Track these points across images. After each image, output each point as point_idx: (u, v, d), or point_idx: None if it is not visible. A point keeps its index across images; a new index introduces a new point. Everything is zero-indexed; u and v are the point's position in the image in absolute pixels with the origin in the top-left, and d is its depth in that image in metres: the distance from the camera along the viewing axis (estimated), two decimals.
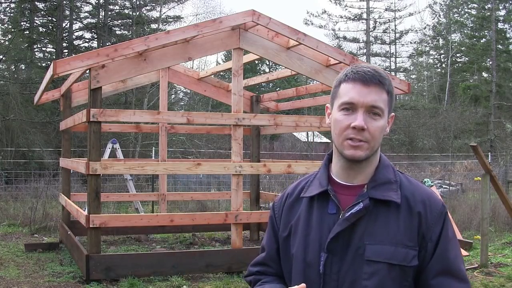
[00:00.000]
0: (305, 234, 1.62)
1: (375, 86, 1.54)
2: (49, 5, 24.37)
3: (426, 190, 1.61)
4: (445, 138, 30.34)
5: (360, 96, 1.53)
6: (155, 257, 7.04)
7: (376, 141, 1.55)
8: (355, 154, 1.54)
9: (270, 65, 34.78)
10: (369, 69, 1.56)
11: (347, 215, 1.54)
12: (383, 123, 1.56)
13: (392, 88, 1.59)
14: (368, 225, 1.54)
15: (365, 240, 1.53)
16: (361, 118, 1.52)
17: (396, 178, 1.60)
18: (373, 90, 1.53)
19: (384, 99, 1.55)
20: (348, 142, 1.54)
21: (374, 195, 1.55)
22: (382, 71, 1.60)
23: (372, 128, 1.53)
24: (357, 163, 1.57)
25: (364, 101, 1.52)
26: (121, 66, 6.76)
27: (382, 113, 1.55)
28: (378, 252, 1.51)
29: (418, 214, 1.55)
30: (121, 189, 13.91)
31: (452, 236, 1.57)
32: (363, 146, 1.53)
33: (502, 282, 6.85)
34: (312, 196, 1.64)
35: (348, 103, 1.54)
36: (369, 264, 1.51)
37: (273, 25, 7.00)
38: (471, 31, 38.05)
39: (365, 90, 1.53)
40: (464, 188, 16.26)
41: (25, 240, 9.56)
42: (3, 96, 18.62)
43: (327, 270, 1.55)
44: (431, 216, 1.55)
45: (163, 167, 7.48)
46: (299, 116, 7.79)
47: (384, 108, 1.55)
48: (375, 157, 1.60)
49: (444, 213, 1.57)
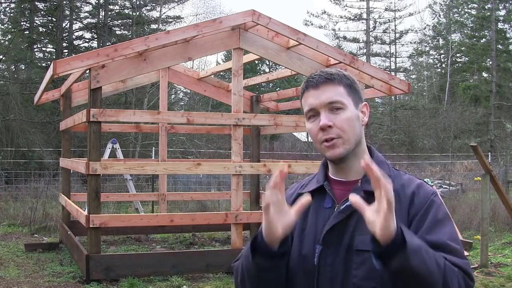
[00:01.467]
0: (302, 229, 1.67)
1: (325, 84, 1.60)
2: (49, 5, 24.37)
3: (417, 181, 1.64)
4: (445, 138, 30.33)
5: (315, 99, 1.60)
6: (155, 257, 7.04)
7: (350, 133, 1.59)
8: (333, 153, 1.59)
9: (270, 65, 34.76)
10: (318, 73, 1.64)
11: (342, 207, 1.60)
12: (349, 114, 1.59)
13: (349, 80, 1.64)
14: (361, 217, 1.54)
15: (357, 232, 1.57)
16: (324, 117, 1.58)
17: (390, 173, 1.64)
18: (325, 89, 1.60)
19: (341, 92, 1.60)
20: (324, 144, 1.60)
21: (367, 188, 1.57)
22: (335, 70, 1.66)
23: (338, 122, 1.58)
24: (342, 160, 1.62)
25: (320, 101, 1.59)
26: (121, 66, 6.77)
27: (344, 106, 1.59)
28: (366, 242, 1.52)
29: (407, 204, 1.58)
30: (121, 189, 13.91)
31: (442, 217, 1.56)
32: (337, 143, 1.58)
33: (502, 282, 6.85)
34: (310, 193, 1.67)
35: (310, 111, 1.62)
36: (358, 253, 1.55)
37: (273, 25, 7.00)
38: (471, 31, 38.04)
39: (318, 92, 1.60)
40: (464, 188, 16.27)
41: (25, 240, 9.56)
42: (3, 96, 18.63)
43: (321, 262, 1.59)
44: (418, 203, 1.57)
45: (163, 167, 7.48)
46: (299, 116, 7.79)
47: (343, 100, 1.59)
48: (360, 150, 1.64)
49: (432, 199, 1.58)
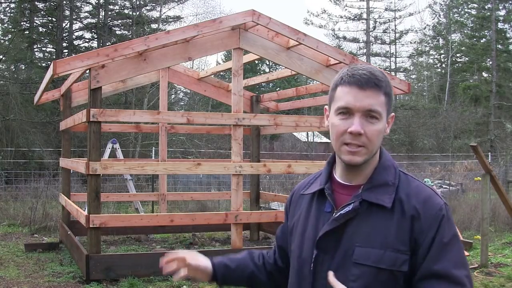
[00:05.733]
0: (303, 231, 1.64)
1: (371, 89, 1.50)
2: (49, 5, 24.37)
3: (425, 193, 1.55)
4: (445, 138, 30.33)
5: (356, 100, 1.50)
6: (155, 257, 7.03)
7: (375, 145, 1.53)
8: (352, 160, 1.53)
9: (270, 65, 34.77)
10: (365, 71, 1.52)
11: (336, 216, 1.54)
12: (381, 126, 1.53)
13: (390, 89, 1.55)
14: (359, 226, 1.53)
15: (355, 242, 1.51)
16: (358, 123, 1.49)
17: (395, 180, 1.56)
18: (370, 94, 1.50)
19: (382, 101, 1.52)
20: (346, 148, 1.52)
21: (367, 197, 1.53)
22: (379, 72, 1.56)
23: (369, 133, 1.50)
24: (356, 166, 1.56)
25: (360, 105, 1.50)
26: (121, 66, 6.76)
27: (380, 116, 1.52)
28: (367, 255, 1.49)
29: (411, 218, 1.50)
30: (121, 189, 13.91)
31: (448, 241, 1.48)
32: (360, 152, 1.51)
33: (502, 282, 6.85)
34: (312, 194, 1.66)
35: (344, 108, 1.52)
36: (356, 266, 1.50)
37: (273, 25, 7.00)
38: (471, 31, 38.07)
39: (361, 94, 1.50)
40: (464, 188, 16.26)
41: (25, 240, 9.56)
42: (3, 96, 18.62)
43: (317, 267, 1.56)
44: (425, 220, 1.49)
45: (163, 167, 7.48)
46: (299, 116, 7.78)
47: (381, 111, 1.52)
48: (373, 158, 1.59)
49: (440, 216, 1.50)
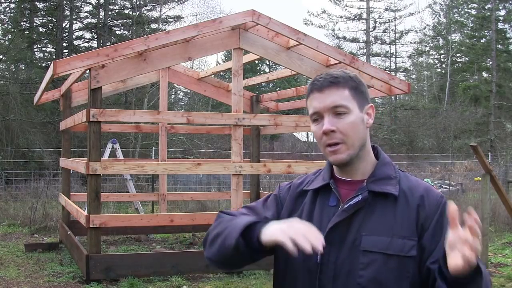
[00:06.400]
0: None
1: (329, 88, 1.59)
2: (49, 5, 24.37)
3: (425, 185, 1.65)
4: (445, 138, 30.33)
5: (319, 102, 1.59)
6: (155, 257, 7.04)
7: (354, 138, 1.59)
8: (337, 159, 1.60)
9: (270, 65, 34.76)
10: (323, 76, 1.62)
11: (345, 206, 1.59)
12: (353, 118, 1.59)
13: (355, 82, 1.61)
14: (366, 217, 1.58)
15: (362, 232, 1.57)
16: (327, 122, 1.58)
17: (396, 175, 1.65)
18: (329, 92, 1.59)
19: (346, 95, 1.59)
20: (328, 149, 1.60)
21: (373, 188, 1.60)
22: (340, 71, 1.63)
23: (341, 127, 1.57)
24: (347, 164, 1.62)
25: (324, 105, 1.58)
26: (121, 66, 6.76)
27: (348, 110, 1.58)
28: (374, 243, 1.54)
29: (417, 207, 1.58)
30: (121, 189, 13.92)
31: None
32: (340, 149, 1.58)
33: (502, 282, 6.85)
34: (315, 190, 1.69)
35: (314, 113, 1.62)
36: (365, 254, 1.55)
37: (273, 25, 7.00)
38: (471, 31, 38.03)
39: (322, 95, 1.59)
40: (464, 188, 16.27)
41: (25, 240, 9.56)
42: (3, 96, 18.61)
43: (324, 259, 1.58)
44: (429, 206, 1.58)
45: (163, 167, 7.48)
46: (299, 116, 7.79)
47: (347, 104, 1.58)
48: (364, 152, 1.64)
49: (442, 202, 1.60)
